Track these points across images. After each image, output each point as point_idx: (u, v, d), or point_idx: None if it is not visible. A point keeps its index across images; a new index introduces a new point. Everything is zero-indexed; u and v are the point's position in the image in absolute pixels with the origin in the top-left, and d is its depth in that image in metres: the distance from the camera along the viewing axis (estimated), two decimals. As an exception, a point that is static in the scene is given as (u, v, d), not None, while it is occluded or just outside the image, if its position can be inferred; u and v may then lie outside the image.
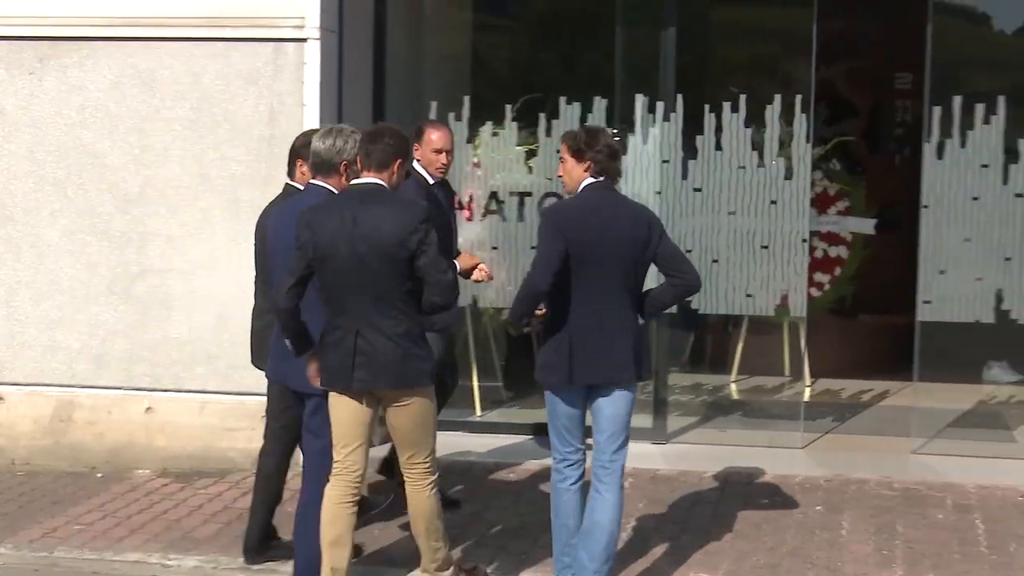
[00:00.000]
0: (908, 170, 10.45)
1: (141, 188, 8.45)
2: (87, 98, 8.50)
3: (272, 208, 6.67)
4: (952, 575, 6.56)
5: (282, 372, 6.19)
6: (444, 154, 7.16)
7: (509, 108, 8.96)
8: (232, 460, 8.37)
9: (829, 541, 7.01)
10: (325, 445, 5.98)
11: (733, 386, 10.40)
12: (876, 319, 10.74)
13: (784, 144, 8.53)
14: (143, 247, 8.47)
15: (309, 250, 5.70)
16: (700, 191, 8.63)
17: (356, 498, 5.94)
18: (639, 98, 8.65)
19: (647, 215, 6.15)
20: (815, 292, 9.82)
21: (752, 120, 8.54)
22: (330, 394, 5.87)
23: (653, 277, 6.21)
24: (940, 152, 8.41)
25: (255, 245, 6.80)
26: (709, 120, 8.57)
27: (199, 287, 8.42)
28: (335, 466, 5.90)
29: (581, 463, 6.12)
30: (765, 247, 8.61)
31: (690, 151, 8.61)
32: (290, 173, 6.82)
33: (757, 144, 8.54)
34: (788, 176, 8.57)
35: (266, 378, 6.50)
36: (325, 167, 6.05)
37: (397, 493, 6.79)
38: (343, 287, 5.71)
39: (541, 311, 6.01)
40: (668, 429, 8.85)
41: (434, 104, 8.96)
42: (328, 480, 5.92)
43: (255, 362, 6.81)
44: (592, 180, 6.04)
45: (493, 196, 8.85)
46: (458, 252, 7.26)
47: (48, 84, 8.55)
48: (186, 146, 8.40)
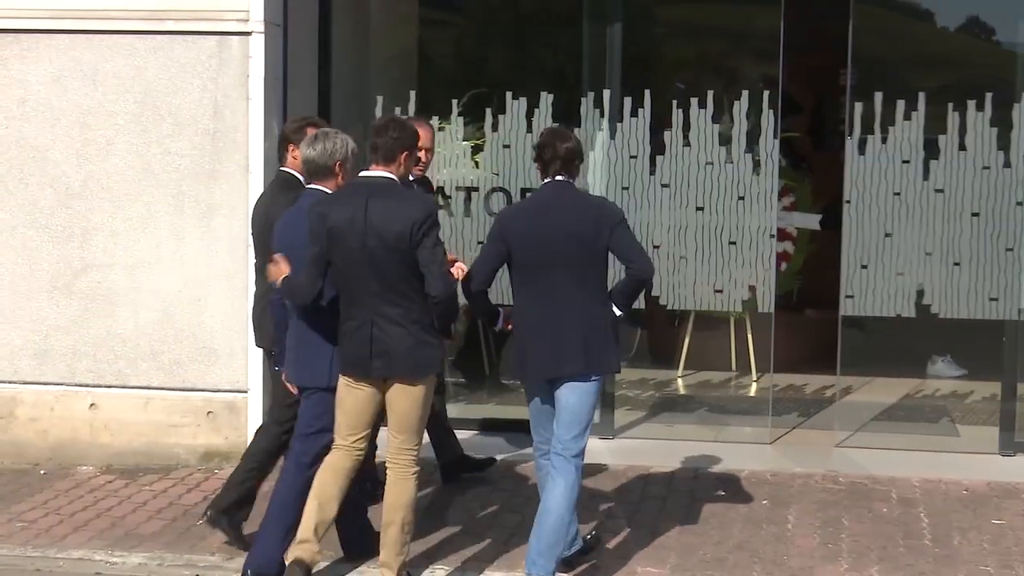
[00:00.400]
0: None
1: (84, 182, 8.37)
2: (28, 91, 8.40)
3: (270, 196, 6.87)
4: (897, 568, 6.60)
5: (292, 371, 6.35)
6: (425, 152, 7.23)
7: (455, 103, 8.97)
8: (177, 456, 8.32)
9: (775, 535, 7.04)
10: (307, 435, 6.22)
11: (680, 381, 10.44)
12: (822, 314, 10.78)
13: (752, 140, 8.59)
14: (86, 241, 8.39)
15: (323, 241, 5.89)
16: (668, 187, 8.66)
17: (355, 472, 6.13)
18: (606, 93, 8.69)
19: (598, 209, 6.25)
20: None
21: (720, 116, 8.59)
22: (340, 382, 6.04)
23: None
24: (862, 148, 8.50)
25: (252, 230, 6.95)
26: (677, 115, 8.61)
27: (143, 282, 8.35)
28: (339, 443, 6.08)
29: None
30: (733, 243, 8.65)
31: (658, 147, 8.65)
32: (280, 159, 6.96)
33: (725, 140, 8.60)
34: (756, 171, 8.62)
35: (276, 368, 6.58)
36: (321, 171, 6.23)
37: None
38: (355, 278, 5.89)
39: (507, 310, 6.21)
40: (616, 424, 8.87)
41: (380, 98, 8.96)
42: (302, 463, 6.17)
43: (258, 343, 7.12)
44: (550, 179, 6.21)
45: (439, 191, 8.83)
46: None
47: (-12, 77, 8.46)
48: (130, 140, 8.32)
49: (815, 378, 10.17)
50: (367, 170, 6.04)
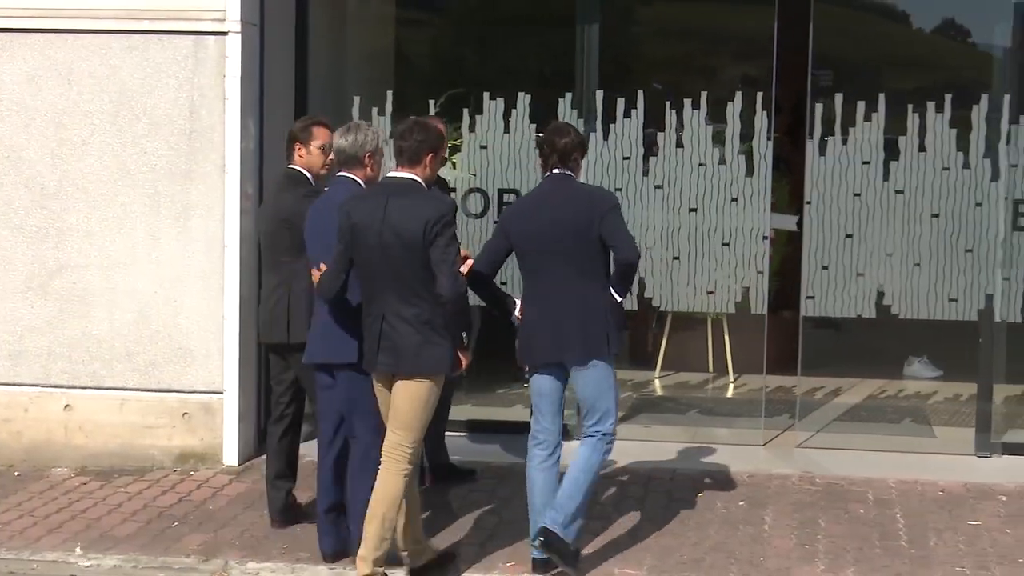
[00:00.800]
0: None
1: (59, 182, 8.32)
2: (2, 91, 8.34)
3: (277, 192, 7.08)
4: (873, 569, 6.61)
5: (318, 349, 6.47)
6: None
7: (432, 103, 8.95)
8: (152, 458, 8.28)
9: (752, 536, 7.04)
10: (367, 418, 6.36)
11: (658, 382, 10.44)
12: (798, 315, 10.79)
13: (745, 141, 8.60)
14: (61, 242, 8.34)
15: (347, 238, 6.08)
16: (661, 188, 8.65)
17: (407, 475, 6.20)
18: (598, 94, 8.72)
19: (592, 197, 6.47)
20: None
21: (713, 117, 8.60)
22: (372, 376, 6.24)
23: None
24: (823, 149, 8.53)
25: (259, 227, 7.18)
26: (670, 117, 8.62)
27: (118, 283, 8.30)
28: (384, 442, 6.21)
29: (549, 444, 6.48)
30: (726, 244, 8.65)
31: (652, 147, 8.68)
32: (288, 157, 7.12)
33: (718, 141, 8.62)
34: (749, 173, 8.63)
35: (304, 361, 6.63)
36: (351, 160, 6.51)
37: None
38: (372, 275, 6.07)
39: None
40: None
41: (357, 99, 8.95)
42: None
43: (262, 339, 7.21)
44: (551, 172, 6.49)
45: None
46: None
47: (-37, 76, 8.41)
48: (105, 140, 8.28)
49: (790, 379, 10.17)
50: (394, 171, 6.22)
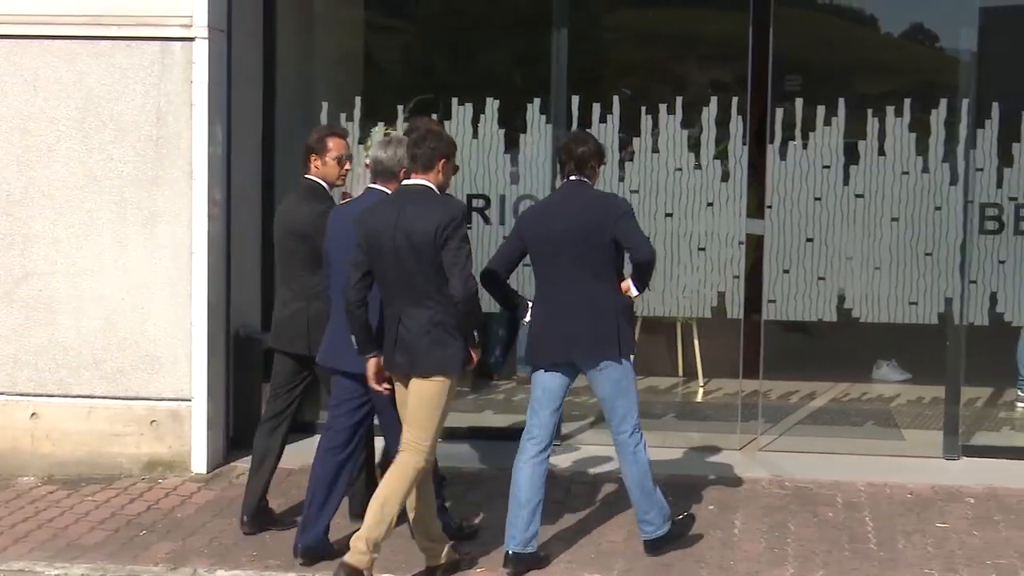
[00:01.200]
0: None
1: (25, 189, 8.27)
2: (-33, 97, 8.31)
3: (294, 204, 7.15)
4: (842, 572, 6.62)
5: (336, 356, 6.63)
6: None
7: (401, 109, 8.94)
8: (120, 466, 8.24)
9: (722, 540, 7.05)
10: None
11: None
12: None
13: (720, 145, 8.61)
14: (27, 249, 8.29)
15: (364, 245, 6.22)
16: (637, 192, 8.66)
17: (419, 474, 6.33)
18: (572, 99, 8.71)
19: (606, 202, 6.71)
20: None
21: (688, 122, 8.63)
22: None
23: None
24: (784, 153, 8.55)
25: (275, 238, 7.25)
26: (645, 122, 8.65)
27: (85, 290, 8.26)
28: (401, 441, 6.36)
29: (542, 440, 6.67)
30: (702, 249, 8.67)
31: (628, 153, 8.71)
32: (304, 167, 7.19)
33: (693, 146, 8.64)
34: (725, 178, 8.65)
35: (317, 364, 6.84)
36: (387, 173, 6.63)
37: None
38: (388, 279, 6.22)
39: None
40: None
41: (325, 104, 8.94)
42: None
43: (274, 344, 7.30)
44: (567, 179, 6.72)
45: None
46: None
47: (-73, 82, 8.35)
48: (71, 146, 8.24)
49: (765, 383, 10.19)
50: (408, 179, 6.35)
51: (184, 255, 8.14)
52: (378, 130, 8.84)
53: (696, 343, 10.29)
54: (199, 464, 8.22)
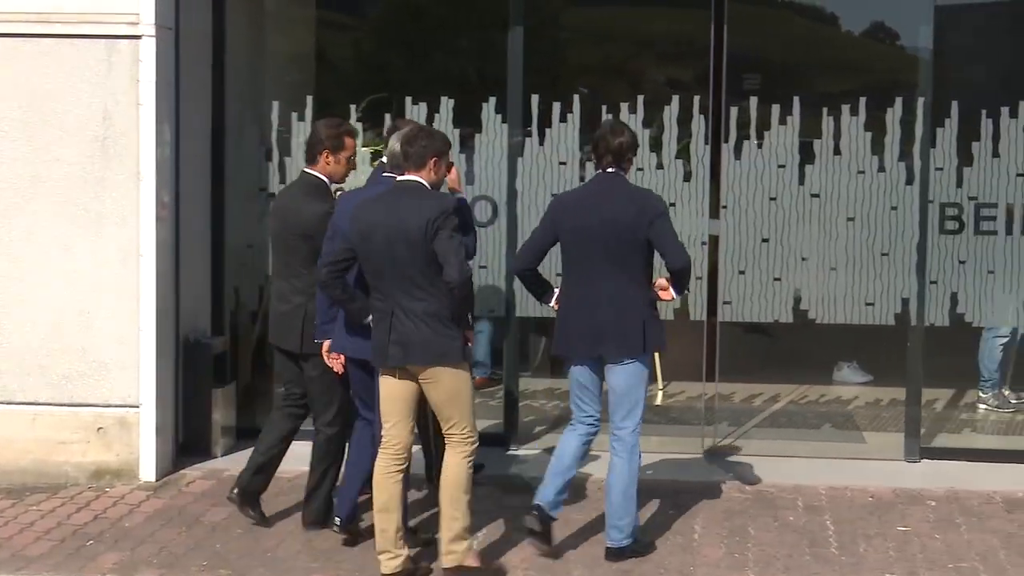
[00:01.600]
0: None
1: (-33, 191, 8.11)
2: (-94, 97, 8.12)
3: (290, 199, 7.16)
4: (803, 577, 6.57)
5: (343, 345, 6.78)
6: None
7: (354, 108, 8.84)
8: (66, 474, 8.08)
9: (682, 546, 7.00)
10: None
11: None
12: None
13: (682, 145, 8.54)
14: (-31, 253, 8.12)
15: (352, 238, 6.40)
16: None
17: (401, 469, 6.49)
18: (533, 99, 8.61)
19: (642, 201, 6.73)
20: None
21: (650, 121, 8.55)
22: (380, 371, 6.48)
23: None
24: (738, 153, 8.49)
25: (272, 228, 7.25)
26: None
27: (30, 294, 8.09)
28: (382, 439, 6.51)
29: (595, 424, 6.87)
30: None
31: (588, 153, 8.55)
32: (310, 160, 7.15)
33: (655, 146, 8.57)
34: (687, 178, 8.58)
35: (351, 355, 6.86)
36: (402, 167, 6.63)
37: None
38: (380, 273, 6.35)
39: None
40: (519, 433, 8.76)
41: (276, 103, 8.83)
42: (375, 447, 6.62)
43: (273, 341, 7.28)
44: (601, 170, 6.79)
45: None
46: None
47: None
48: (15, 147, 8.07)
49: (723, 386, 10.13)
50: (403, 175, 6.48)
51: (132, 258, 7.99)
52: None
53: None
54: (148, 472, 8.07)
